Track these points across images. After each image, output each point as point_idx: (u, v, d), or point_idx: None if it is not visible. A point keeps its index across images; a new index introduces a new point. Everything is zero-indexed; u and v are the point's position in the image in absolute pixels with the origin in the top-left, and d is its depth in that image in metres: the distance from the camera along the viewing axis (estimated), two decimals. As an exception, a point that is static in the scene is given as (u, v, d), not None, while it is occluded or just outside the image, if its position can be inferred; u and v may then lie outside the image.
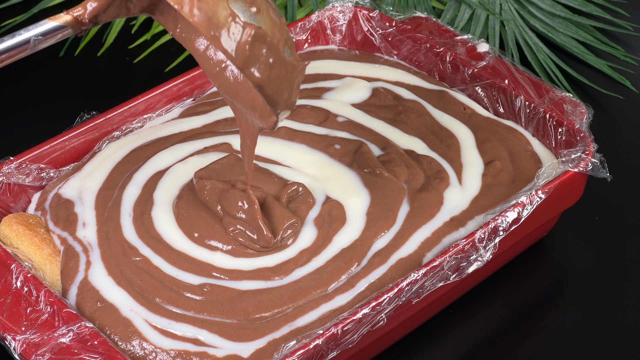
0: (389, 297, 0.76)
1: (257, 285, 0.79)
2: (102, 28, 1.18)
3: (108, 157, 0.90)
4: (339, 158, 0.88)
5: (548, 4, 1.16)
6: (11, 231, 0.84)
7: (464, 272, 0.80)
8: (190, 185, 0.86)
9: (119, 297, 0.79)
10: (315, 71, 0.99)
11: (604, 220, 0.96)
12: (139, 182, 0.87)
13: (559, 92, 0.93)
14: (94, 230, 0.84)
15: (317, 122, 0.92)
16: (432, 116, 0.94)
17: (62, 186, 0.88)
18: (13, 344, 0.75)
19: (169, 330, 0.77)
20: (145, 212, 0.85)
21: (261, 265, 0.81)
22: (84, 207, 0.86)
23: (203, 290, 0.79)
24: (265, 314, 0.78)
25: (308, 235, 0.83)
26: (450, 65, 0.98)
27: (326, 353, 0.74)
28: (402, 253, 0.82)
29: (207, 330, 0.77)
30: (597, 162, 0.86)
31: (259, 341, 0.76)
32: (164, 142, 0.91)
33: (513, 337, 0.87)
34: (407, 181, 0.87)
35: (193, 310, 0.78)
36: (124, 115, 0.93)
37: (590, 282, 0.91)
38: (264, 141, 0.90)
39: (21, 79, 1.13)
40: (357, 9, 1.03)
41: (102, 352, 0.74)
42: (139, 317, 0.77)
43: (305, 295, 0.79)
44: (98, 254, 0.82)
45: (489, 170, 0.88)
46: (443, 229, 0.84)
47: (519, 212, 0.82)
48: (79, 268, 0.81)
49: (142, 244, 0.82)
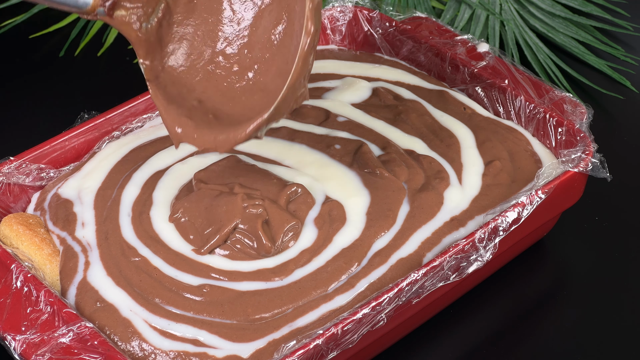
0: (389, 297, 0.76)
1: (257, 286, 0.79)
2: (102, 28, 1.18)
3: (107, 156, 0.90)
4: (339, 158, 0.88)
5: (548, 4, 1.16)
6: (11, 231, 0.84)
7: (464, 272, 0.80)
8: (189, 185, 0.86)
9: (118, 298, 0.79)
10: (315, 71, 0.99)
11: (604, 220, 0.96)
12: (139, 182, 0.87)
13: (559, 92, 0.93)
14: (92, 230, 0.84)
15: (318, 121, 0.92)
16: (432, 116, 0.94)
17: (61, 186, 0.88)
18: (13, 344, 0.75)
19: (168, 331, 0.77)
20: (144, 212, 0.85)
21: (261, 266, 0.81)
22: (83, 206, 0.86)
23: (202, 291, 0.79)
24: (265, 315, 0.78)
25: (308, 236, 0.83)
26: (450, 65, 0.98)
27: (326, 353, 0.74)
28: (402, 253, 0.82)
29: (206, 330, 0.77)
30: (597, 162, 0.86)
31: (259, 341, 0.76)
32: (164, 142, 0.91)
33: (513, 337, 0.87)
34: (407, 181, 0.87)
35: (193, 310, 0.78)
36: (124, 115, 0.93)
37: (590, 282, 0.91)
38: (264, 141, 0.90)
39: (21, 78, 1.13)
40: (357, 9, 1.03)
41: (102, 352, 0.74)
42: (138, 317, 0.77)
43: (305, 296, 0.79)
44: (97, 254, 0.82)
45: (489, 170, 0.88)
46: (443, 228, 0.84)
47: (519, 212, 0.82)
48: (78, 269, 0.81)
49: (141, 244, 0.82)
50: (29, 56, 1.15)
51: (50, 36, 1.17)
